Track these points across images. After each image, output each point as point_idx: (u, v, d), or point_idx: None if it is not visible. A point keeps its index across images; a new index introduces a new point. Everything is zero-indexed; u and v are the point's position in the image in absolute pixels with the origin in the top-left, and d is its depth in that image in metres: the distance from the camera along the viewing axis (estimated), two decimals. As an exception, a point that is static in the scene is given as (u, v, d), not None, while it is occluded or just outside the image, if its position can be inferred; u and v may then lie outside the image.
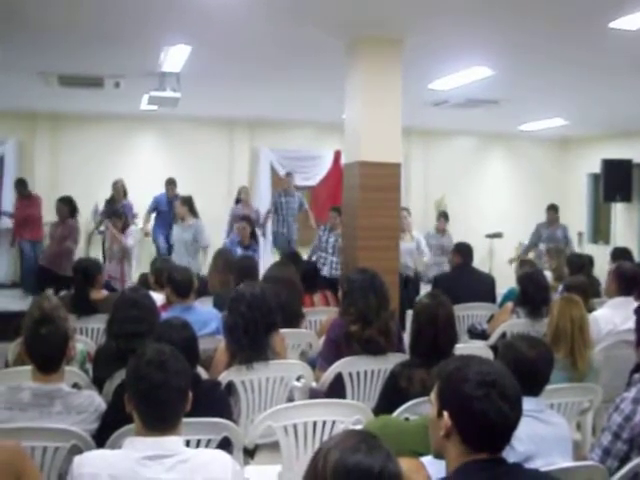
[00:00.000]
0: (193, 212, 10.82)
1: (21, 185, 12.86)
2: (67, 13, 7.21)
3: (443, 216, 12.77)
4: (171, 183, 12.92)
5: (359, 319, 5.07)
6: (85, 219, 12.81)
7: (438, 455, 2.57)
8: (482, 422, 2.38)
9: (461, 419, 2.42)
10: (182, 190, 12.75)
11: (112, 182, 12.63)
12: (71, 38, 8.19)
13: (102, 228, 12.08)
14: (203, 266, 10.08)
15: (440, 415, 2.46)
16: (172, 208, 11.83)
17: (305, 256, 10.45)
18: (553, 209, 12.76)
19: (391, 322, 5.13)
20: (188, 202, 10.81)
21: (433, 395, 2.54)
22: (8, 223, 13.68)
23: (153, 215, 13.01)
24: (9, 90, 8.09)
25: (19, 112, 13.37)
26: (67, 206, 10.86)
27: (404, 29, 7.59)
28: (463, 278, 8.08)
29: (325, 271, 10.15)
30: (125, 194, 12.62)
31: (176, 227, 11.05)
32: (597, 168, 14.77)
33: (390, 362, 4.61)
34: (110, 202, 12.44)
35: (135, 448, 2.72)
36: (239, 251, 9.61)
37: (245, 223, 10.28)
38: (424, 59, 8.74)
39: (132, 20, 7.44)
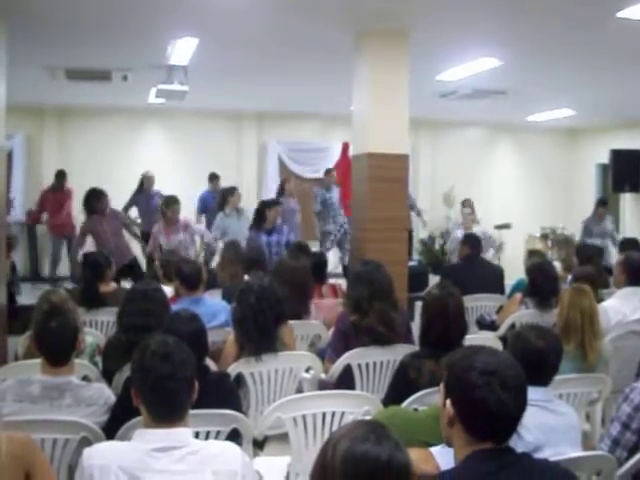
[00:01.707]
0: None
1: (63, 177, 12.69)
2: (74, 6, 7.22)
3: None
4: (217, 178, 12.89)
5: (355, 309, 5.11)
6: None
7: (449, 443, 2.58)
8: (481, 410, 2.39)
9: (462, 407, 2.44)
10: (189, 183, 12.80)
11: (143, 172, 12.41)
12: (78, 32, 8.20)
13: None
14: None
15: (445, 403, 2.48)
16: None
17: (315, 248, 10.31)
18: (603, 204, 12.60)
19: (390, 312, 5.08)
20: None
21: (442, 384, 2.56)
22: (20, 217, 13.70)
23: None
24: (16, 84, 8.07)
25: (27, 106, 13.37)
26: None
27: (411, 21, 7.58)
28: (472, 269, 8.05)
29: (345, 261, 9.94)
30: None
31: (231, 219, 10.58)
32: (606, 158, 14.73)
33: (399, 353, 4.60)
34: (140, 191, 12.30)
35: (145, 440, 2.73)
36: (263, 238, 9.42)
37: (277, 207, 9.87)
38: (431, 50, 8.73)
39: (139, 13, 7.44)
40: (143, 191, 12.26)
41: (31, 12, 7.32)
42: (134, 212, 12.13)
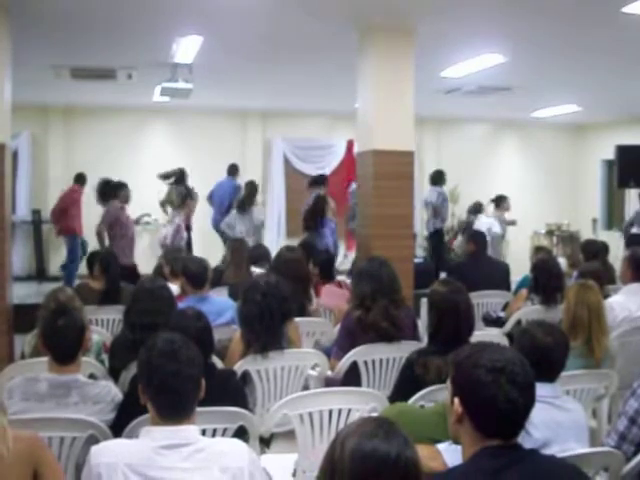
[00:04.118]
0: None
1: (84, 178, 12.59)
2: (79, 5, 7.22)
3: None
4: (236, 169, 13.24)
5: (358, 305, 5.11)
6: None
7: (456, 441, 2.58)
8: (490, 407, 2.38)
9: (470, 404, 2.43)
10: (194, 181, 12.78)
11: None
12: (83, 30, 8.20)
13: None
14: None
15: (453, 401, 2.47)
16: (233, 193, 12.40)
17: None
18: None
19: (393, 309, 5.09)
20: None
21: (449, 381, 2.55)
22: (25, 215, 13.70)
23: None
24: (21, 83, 8.08)
25: (32, 105, 13.40)
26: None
27: (416, 17, 7.57)
28: (477, 266, 8.05)
29: None
30: None
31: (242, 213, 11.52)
32: (611, 154, 14.68)
33: (405, 350, 4.61)
34: None
35: (152, 437, 2.72)
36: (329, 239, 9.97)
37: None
38: (436, 47, 8.72)
39: (144, 11, 7.43)
40: None
41: (36, 11, 7.32)
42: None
